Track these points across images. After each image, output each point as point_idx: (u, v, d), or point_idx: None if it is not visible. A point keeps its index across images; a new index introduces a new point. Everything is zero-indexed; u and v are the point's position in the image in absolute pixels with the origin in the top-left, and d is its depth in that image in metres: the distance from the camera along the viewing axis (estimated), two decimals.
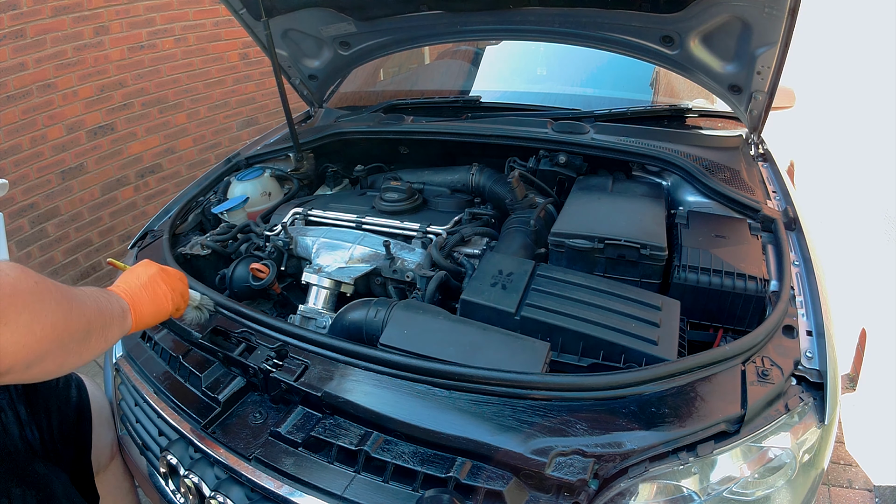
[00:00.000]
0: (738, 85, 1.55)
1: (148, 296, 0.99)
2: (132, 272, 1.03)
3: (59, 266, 2.89)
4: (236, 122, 3.70)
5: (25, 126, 2.65)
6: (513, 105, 2.00)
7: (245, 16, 1.81)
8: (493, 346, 1.01)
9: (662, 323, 1.05)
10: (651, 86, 2.13)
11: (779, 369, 0.95)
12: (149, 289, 1.00)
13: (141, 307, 0.97)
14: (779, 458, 0.90)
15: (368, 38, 1.92)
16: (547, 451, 0.82)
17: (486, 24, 1.74)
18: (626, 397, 0.90)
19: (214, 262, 1.60)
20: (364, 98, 2.41)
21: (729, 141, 1.71)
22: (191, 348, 1.17)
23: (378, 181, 1.94)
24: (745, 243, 1.27)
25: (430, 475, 0.85)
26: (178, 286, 1.08)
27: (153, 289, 1.01)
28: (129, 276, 1.02)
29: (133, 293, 0.97)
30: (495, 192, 1.69)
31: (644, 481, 0.84)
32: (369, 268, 1.44)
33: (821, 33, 3.09)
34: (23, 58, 2.58)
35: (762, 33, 1.35)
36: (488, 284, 1.15)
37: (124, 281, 1.00)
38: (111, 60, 2.96)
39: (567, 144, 1.65)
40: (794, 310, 1.10)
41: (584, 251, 1.26)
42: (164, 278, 1.05)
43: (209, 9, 3.32)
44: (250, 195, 1.80)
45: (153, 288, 1.01)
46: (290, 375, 1.00)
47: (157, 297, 1.01)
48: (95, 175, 3.00)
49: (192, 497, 1.02)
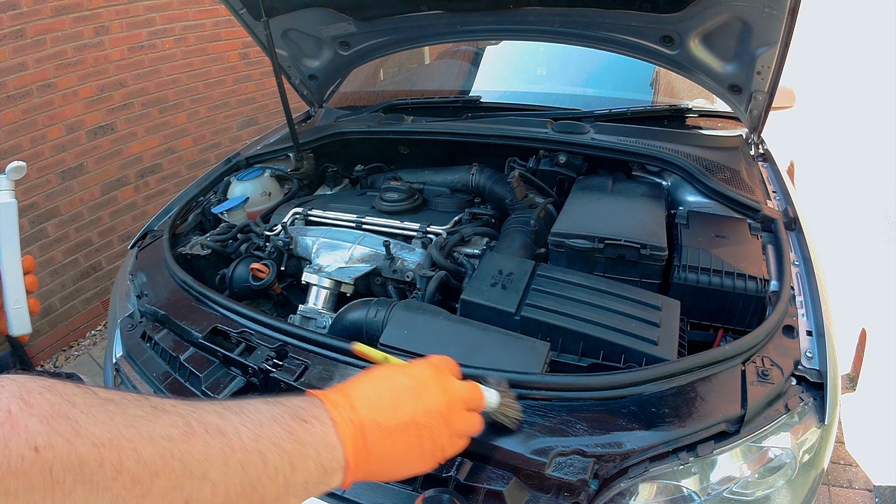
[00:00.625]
0: (738, 85, 1.55)
1: (399, 449, 0.54)
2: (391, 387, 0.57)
3: (59, 266, 2.89)
4: (236, 122, 3.70)
5: (25, 126, 2.65)
6: (513, 105, 2.00)
7: (245, 16, 1.81)
8: (493, 346, 1.01)
9: (662, 323, 1.05)
10: (651, 86, 2.13)
11: (779, 369, 0.95)
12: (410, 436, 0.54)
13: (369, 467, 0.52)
14: (779, 458, 0.90)
15: (368, 38, 1.92)
16: (547, 451, 0.82)
17: (486, 24, 1.74)
18: (626, 397, 0.90)
19: (214, 262, 1.60)
20: (364, 98, 2.41)
21: (729, 141, 1.71)
22: (191, 348, 1.17)
23: (378, 181, 1.93)
24: (745, 243, 1.27)
25: (430, 475, 0.84)
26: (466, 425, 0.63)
27: (419, 440, 0.55)
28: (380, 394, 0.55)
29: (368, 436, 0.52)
30: (495, 192, 1.69)
31: (644, 481, 0.84)
32: (369, 268, 1.44)
33: (821, 33, 3.09)
34: (23, 58, 2.58)
35: (762, 33, 1.35)
36: (488, 284, 1.15)
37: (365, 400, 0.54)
38: (111, 60, 2.96)
39: (567, 144, 1.65)
40: (794, 310, 1.10)
41: (584, 251, 1.26)
42: (447, 417, 0.58)
43: (209, 9, 3.33)
44: (250, 195, 1.80)
45: (419, 438, 0.55)
46: (290, 375, 1.00)
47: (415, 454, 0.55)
48: (95, 175, 3.00)
49: None
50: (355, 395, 0.54)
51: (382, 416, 0.53)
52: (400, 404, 0.55)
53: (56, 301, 2.88)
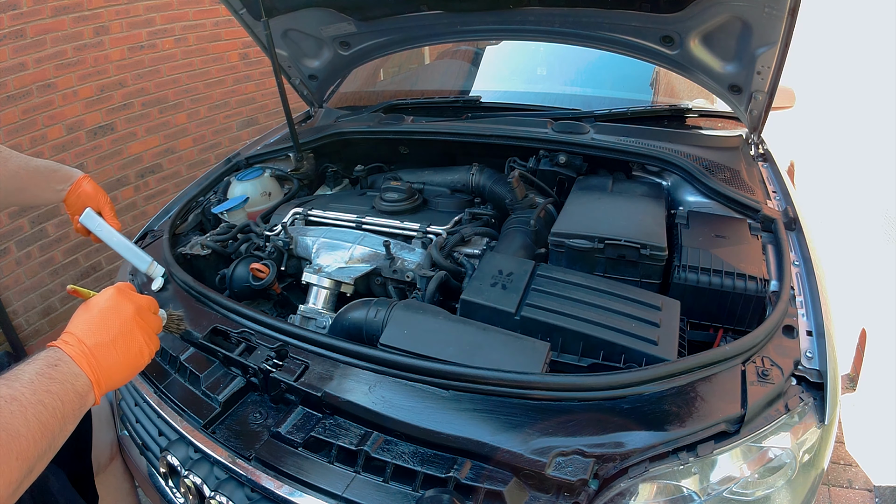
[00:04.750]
0: (738, 85, 1.55)
1: (121, 358, 0.74)
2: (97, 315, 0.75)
3: (59, 266, 2.89)
4: (236, 122, 3.70)
5: (25, 126, 2.65)
6: (513, 105, 2.00)
7: (245, 16, 1.81)
8: (493, 346, 1.01)
9: (662, 323, 1.05)
10: (651, 86, 2.13)
11: (779, 369, 0.95)
12: (122, 346, 0.74)
13: (110, 378, 0.72)
14: (779, 458, 0.90)
15: (368, 38, 1.92)
16: (547, 451, 0.82)
17: (486, 24, 1.74)
18: (626, 397, 0.90)
19: (214, 262, 1.60)
20: (364, 98, 2.41)
21: (729, 141, 1.71)
22: (191, 348, 1.17)
23: (378, 181, 1.94)
24: (745, 243, 1.27)
25: (430, 475, 0.85)
26: (153, 324, 0.84)
27: (127, 345, 0.75)
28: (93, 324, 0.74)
29: (99, 357, 0.71)
30: (495, 192, 1.69)
31: (644, 481, 0.84)
32: (369, 268, 1.44)
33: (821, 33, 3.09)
34: (23, 58, 2.58)
35: (762, 33, 1.35)
36: (488, 284, 1.15)
37: (87, 332, 0.72)
38: (111, 60, 2.96)
39: (567, 144, 1.65)
40: (794, 310, 1.10)
41: (584, 251, 1.26)
42: (140, 324, 0.79)
43: (209, 9, 3.33)
44: (250, 195, 1.80)
45: (127, 344, 0.75)
46: (290, 375, 1.00)
47: (132, 356, 0.76)
48: (95, 175, 3.00)
49: (192, 497, 1.01)
50: (78, 331, 0.72)
51: (100, 338, 0.72)
52: (108, 324, 0.74)
53: (56, 301, 2.88)
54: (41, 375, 0.65)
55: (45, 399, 0.62)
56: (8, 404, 0.59)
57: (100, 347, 0.72)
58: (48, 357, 0.68)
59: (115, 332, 0.74)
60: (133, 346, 0.76)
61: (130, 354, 0.76)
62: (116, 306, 0.78)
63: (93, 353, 0.71)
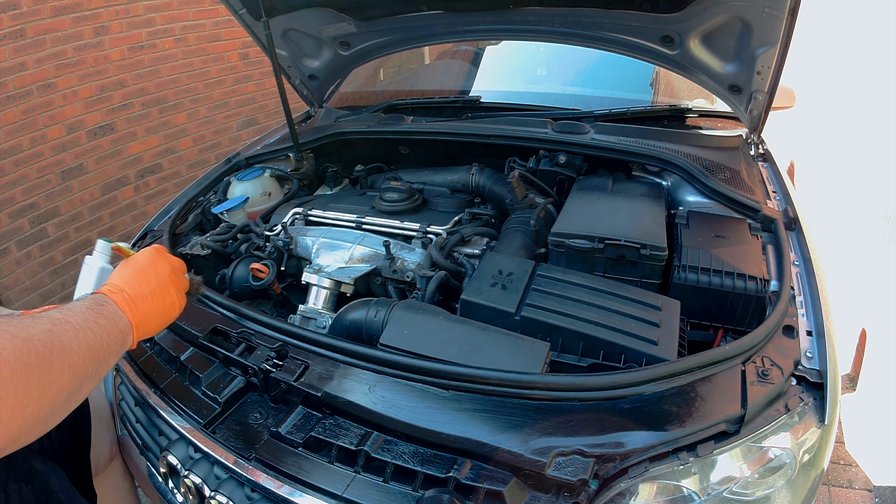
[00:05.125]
0: (738, 85, 1.55)
1: (157, 308, 0.83)
2: (138, 269, 0.85)
3: (59, 266, 2.89)
4: (236, 122, 3.70)
5: (25, 126, 2.65)
6: (513, 105, 2.00)
7: (245, 16, 1.81)
8: (493, 346, 1.01)
9: (662, 323, 1.05)
10: (651, 86, 2.13)
11: (779, 369, 0.95)
12: (158, 298, 0.83)
13: (147, 324, 0.81)
14: (779, 459, 0.90)
15: (368, 38, 1.92)
16: (547, 451, 0.82)
17: (486, 24, 1.74)
18: (626, 397, 0.90)
19: (214, 262, 1.60)
20: (364, 98, 2.41)
21: (729, 141, 1.71)
22: (191, 348, 1.17)
23: (378, 181, 1.94)
24: (745, 243, 1.27)
25: (430, 475, 0.85)
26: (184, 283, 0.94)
27: (162, 298, 0.84)
28: (134, 277, 0.83)
29: (139, 305, 0.80)
30: (495, 192, 1.69)
31: (644, 481, 0.84)
32: (369, 268, 1.44)
33: (821, 33, 3.09)
34: (23, 58, 2.58)
35: (762, 33, 1.35)
36: (488, 284, 1.15)
37: (128, 283, 0.81)
38: (111, 60, 2.96)
39: (567, 144, 1.65)
40: (794, 310, 1.10)
41: (584, 251, 1.26)
42: (174, 280, 0.88)
43: (209, 9, 3.33)
44: (250, 195, 1.80)
45: (162, 297, 0.84)
46: (290, 375, 1.00)
47: (166, 307, 0.85)
48: (95, 175, 3.00)
49: (192, 497, 1.01)
50: (120, 282, 0.81)
51: (140, 289, 0.82)
52: (147, 278, 0.84)
53: (56, 301, 2.88)
54: (90, 310, 0.72)
55: (93, 327, 0.70)
56: (62, 325, 0.66)
57: (139, 297, 0.80)
58: (95, 298, 0.77)
59: (154, 285, 0.84)
60: (167, 300, 0.85)
61: (165, 306, 0.84)
62: (154, 263, 0.87)
63: (133, 301, 0.79)
